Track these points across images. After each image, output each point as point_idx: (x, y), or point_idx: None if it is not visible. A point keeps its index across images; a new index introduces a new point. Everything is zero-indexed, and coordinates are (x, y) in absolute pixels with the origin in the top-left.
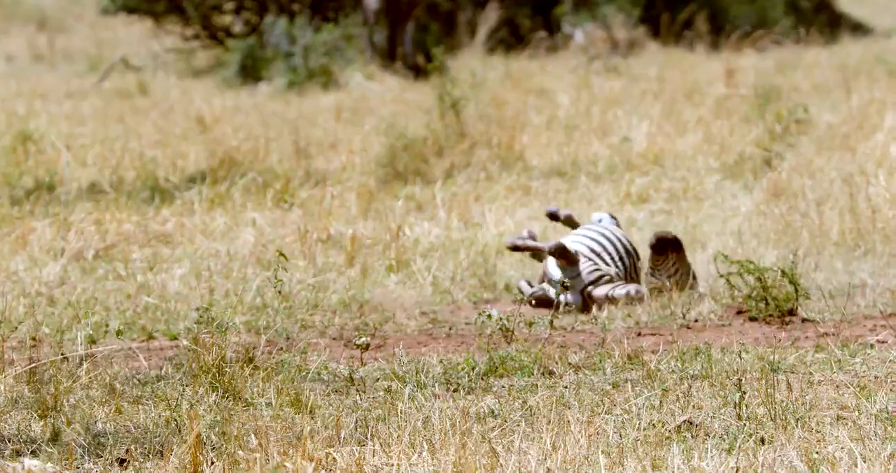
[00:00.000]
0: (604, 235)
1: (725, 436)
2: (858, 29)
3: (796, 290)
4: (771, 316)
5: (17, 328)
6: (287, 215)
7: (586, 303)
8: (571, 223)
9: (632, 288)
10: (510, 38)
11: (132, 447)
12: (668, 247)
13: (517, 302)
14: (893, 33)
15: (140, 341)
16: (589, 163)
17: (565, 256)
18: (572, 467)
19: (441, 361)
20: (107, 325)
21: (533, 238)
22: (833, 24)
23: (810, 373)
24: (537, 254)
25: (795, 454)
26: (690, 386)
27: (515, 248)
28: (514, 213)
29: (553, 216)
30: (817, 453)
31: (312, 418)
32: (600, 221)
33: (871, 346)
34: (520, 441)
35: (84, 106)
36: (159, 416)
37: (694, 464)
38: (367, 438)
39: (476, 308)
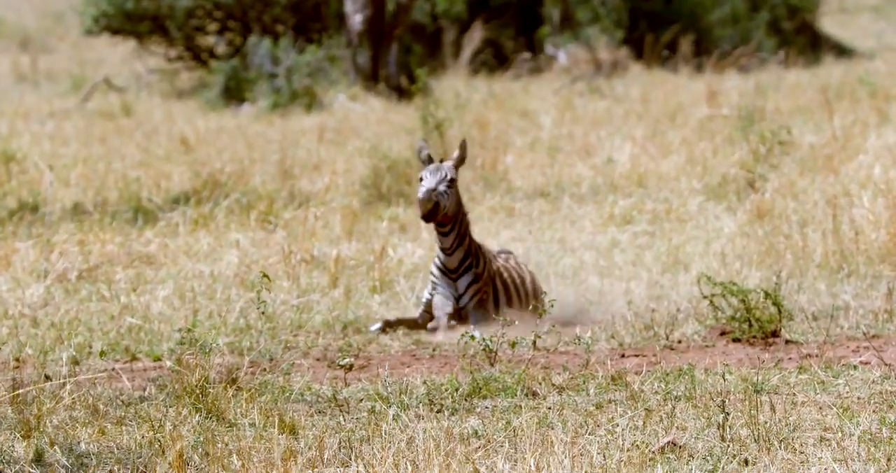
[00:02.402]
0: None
1: (709, 457)
2: (840, 51)
3: (780, 312)
4: (754, 337)
5: (0, 349)
6: (271, 236)
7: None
8: None
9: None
10: (494, 60)
11: (115, 468)
12: None
13: (502, 322)
14: (875, 55)
15: (123, 362)
16: (572, 185)
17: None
18: None
19: (425, 382)
20: (90, 346)
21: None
22: (815, 46)
23: (794, 394)
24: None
25: None
26: (674, 407)
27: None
28: (497, 234)
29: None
30: None
31: (296, 439)
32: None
33: (855, 367)
34: (503, 461)
35: (67, 126)
36: (142, 437)
37: None
38: (350, 459)
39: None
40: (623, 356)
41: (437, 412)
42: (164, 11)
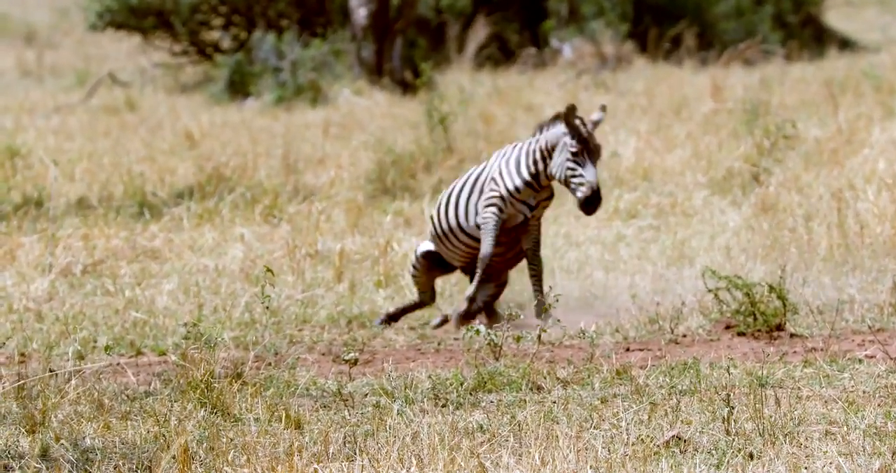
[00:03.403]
0: None
1: (714, 451)
2: (845, 44)
3: (784, 305)
4: (759, 331)
5: (4, 344)
6: (275, 230)
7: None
8: None
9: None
10: (498, 54)
11: (120, 463)
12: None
13: (506, 316)
14: (880, 48)
15: (128, 357)
16: None
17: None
18: None
19: (430, 376)
20: (95, 341)
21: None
22: (820, 40)
23: (799, 388)
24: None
25: (784, 469)
26: (679, 401)
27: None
28: None
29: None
30: (806, 468)
31: (301, 433)
32: None
33: (860, 361)
34: (508, 456)
35: (72, 121)
36: (147, 432)
37: None
38: (355, 453)
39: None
40: (628, 350)
41: (442, 406)
42: (169, 6)
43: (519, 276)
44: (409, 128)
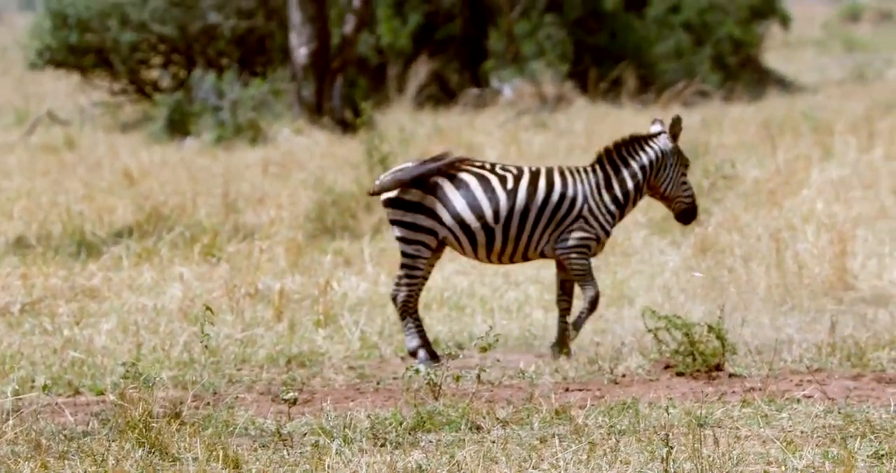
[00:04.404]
0: None
1: None
2: (784, 85)
3: (723, 345)
4: (698, 371)
5: None
6: (215, 269)
7: None
8: None
9: None
10: (439, 93)
11: None
12: None
13: (445, 355)
14: (818, 89)
15: (66, 396)
16: None
17: None
18: None
19: (369, 416)
20: (33, 380)
21: None
22: (759, 81)
23: (737, 428)
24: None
25: None
26: (618, 441)
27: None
28: (442, 268)
29: None
30: None
31: None
32: None
33: (798, 401)
34: None
35: (10, 159)
36: (85, 472)
37: None
38: None
39: (403, 363)
40: (567, 390)
41: (381, 446)
42: (109, 45)
43: (458, 315)
44: (349, 168)
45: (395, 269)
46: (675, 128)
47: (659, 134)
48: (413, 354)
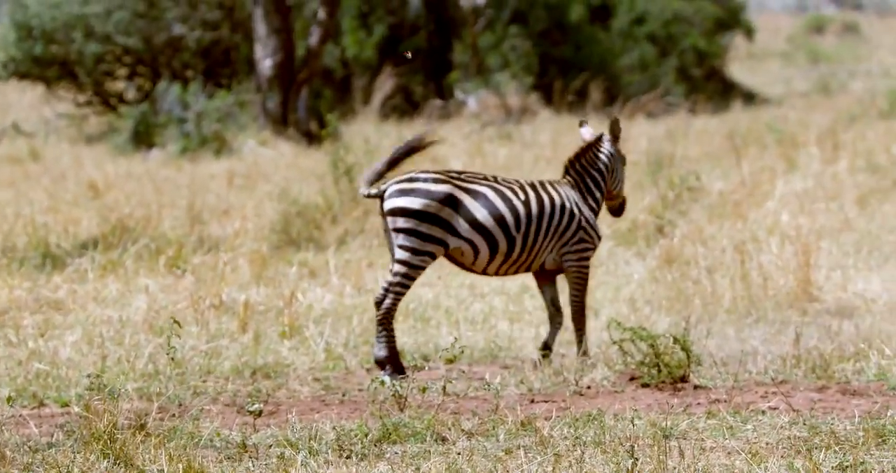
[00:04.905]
0: None
1: None
2: (748, 97)
3: (688, 357)
4: (663, 382)
5: None
6: (180, 281)
7: None
8: None
9: None
10: (404, 105)
11: None
12: None
13: (411, 367)
14: (783, 101)
15: (31, 408)
16: None
17: None
18: None
19: (334, 427)
20: None
21: None
22: (724, 93)
23: (702, 440)
24: None
25: None
26: (583, 453)
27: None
28: None
29: None
30: None
31: None
32: None
33: (763, 413)
34: None
35: None
36: None
37: None
38: None
39: (369, 374)
40: (532, 401)
41: (347, 458)
42: (73, 57)
43: (424, 327)
44: (314, 179)
45: (359, 280)
46: (616, 130)
47: (601, 138)
48: (380, 363)
